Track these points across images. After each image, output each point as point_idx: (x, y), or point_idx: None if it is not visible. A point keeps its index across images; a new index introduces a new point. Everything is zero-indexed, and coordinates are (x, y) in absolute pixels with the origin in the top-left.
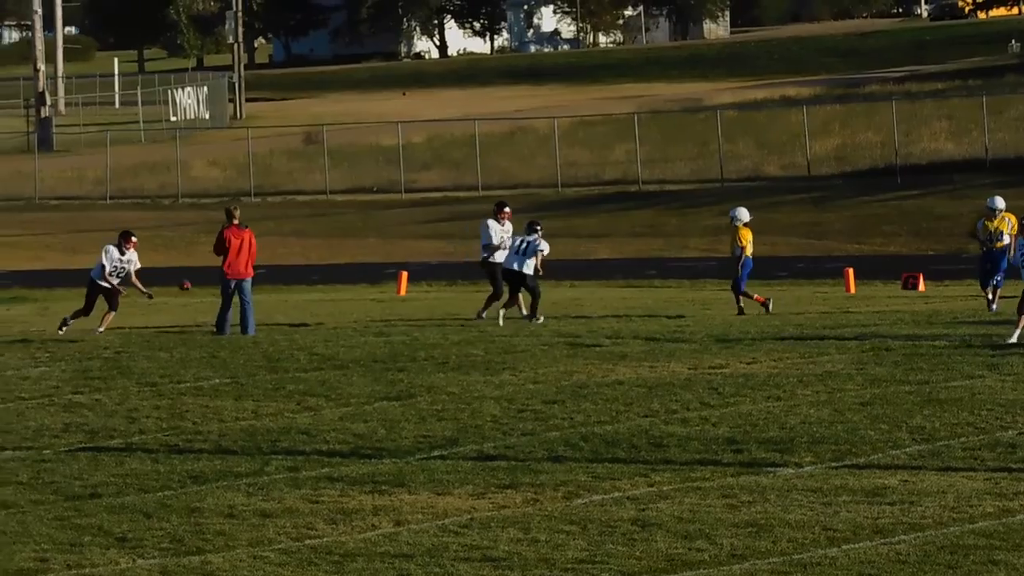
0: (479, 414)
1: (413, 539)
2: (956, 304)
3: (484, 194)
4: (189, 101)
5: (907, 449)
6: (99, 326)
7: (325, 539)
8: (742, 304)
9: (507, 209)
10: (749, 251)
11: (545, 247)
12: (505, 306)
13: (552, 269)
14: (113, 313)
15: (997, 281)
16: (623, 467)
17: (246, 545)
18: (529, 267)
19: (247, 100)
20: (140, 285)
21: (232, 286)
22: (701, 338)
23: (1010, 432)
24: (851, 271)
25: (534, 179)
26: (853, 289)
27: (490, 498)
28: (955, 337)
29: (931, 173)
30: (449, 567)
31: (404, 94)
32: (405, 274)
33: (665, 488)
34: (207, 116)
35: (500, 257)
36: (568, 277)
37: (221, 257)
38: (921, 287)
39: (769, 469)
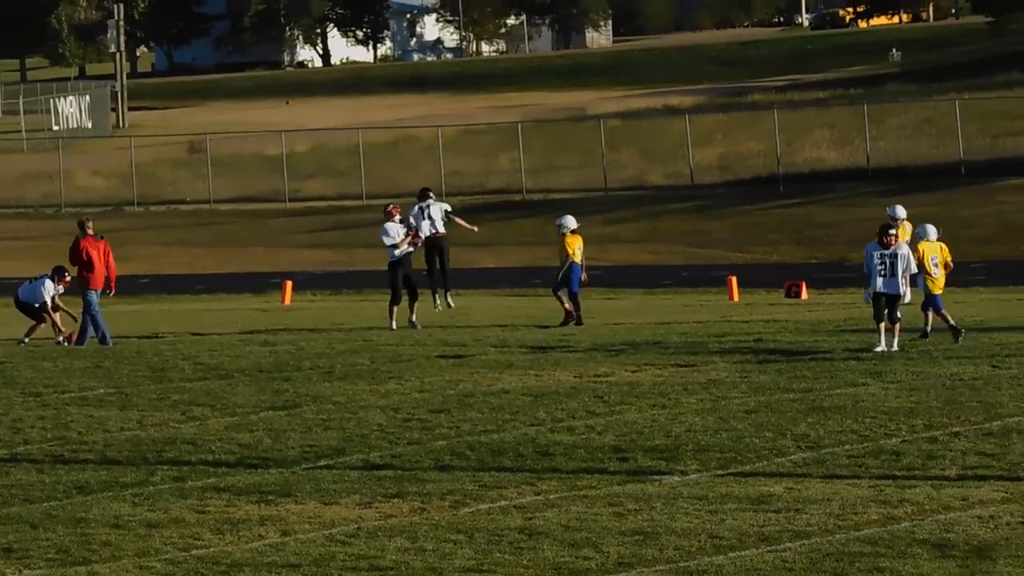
0: (365, 423)
1: (300, 549)
2: (839, 312)
3: (369, 203)
4: (72, 110)
5: (792, 457)
6: (25, 336)
7: (211, 549)
8: (569, 307)
9: (391, 206)
10: (578, 258)
11: (447, 206)
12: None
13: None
14: (41, 326)
15: None
16: (509, 476)
17: (132, 555)
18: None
19: (130, 109)
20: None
21: (95, 296)
22: (586, 347)
23: (894, 440)
24: (734, 279)
25: (419, 188)
26: (736, 297)
27: (377, 507)
28: (838, 345)
29: (813, 182)
30: None
31: (288, 103)
32: (290, 283)
33: (552, 497)
34: (90, 125)
35: (408, 249)
36: (453, 286)
37: (78, 268)
38: (804, 295)
39: (655, 477)
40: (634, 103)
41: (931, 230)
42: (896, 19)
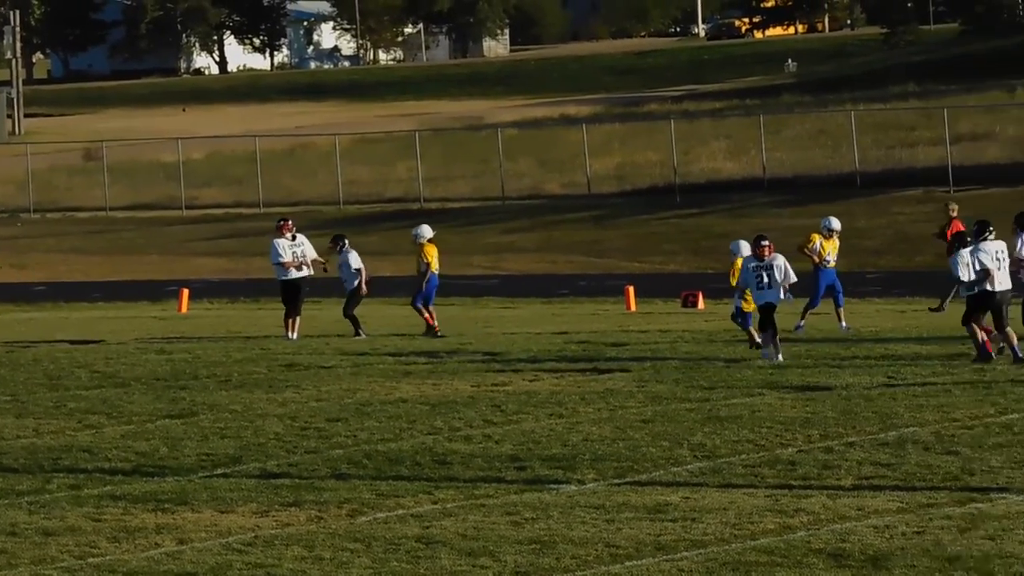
0: (262, 432)
1: (196, 557)
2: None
3: (265, 211)
4: None
5: (688, 466)
6: None
7: (108, 557)
8: (434, 322)
9: (286, 222)
10: (435, 267)
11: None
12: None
13: (335, 286)
14: None
15: (839, 300)
16: (407, 484)
17: (28, 563)
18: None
19: (26, 116)
20: None
21: None
22: (484, 356)
23: (790, 449)
24: (631, 289)
25: (315, 196)
26: (634, 307)
27: (274, 516)
28: (735, 355)
29: (709, 192)
30: None
31: (184, 110)
32: (186, 291)
33: (449, 505)
34: None
35: (297, 273)
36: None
37: None
38: (700, 305)
39: (552, 486)
40: (531, 112)
41: (744, 246)
42: (792, 30)
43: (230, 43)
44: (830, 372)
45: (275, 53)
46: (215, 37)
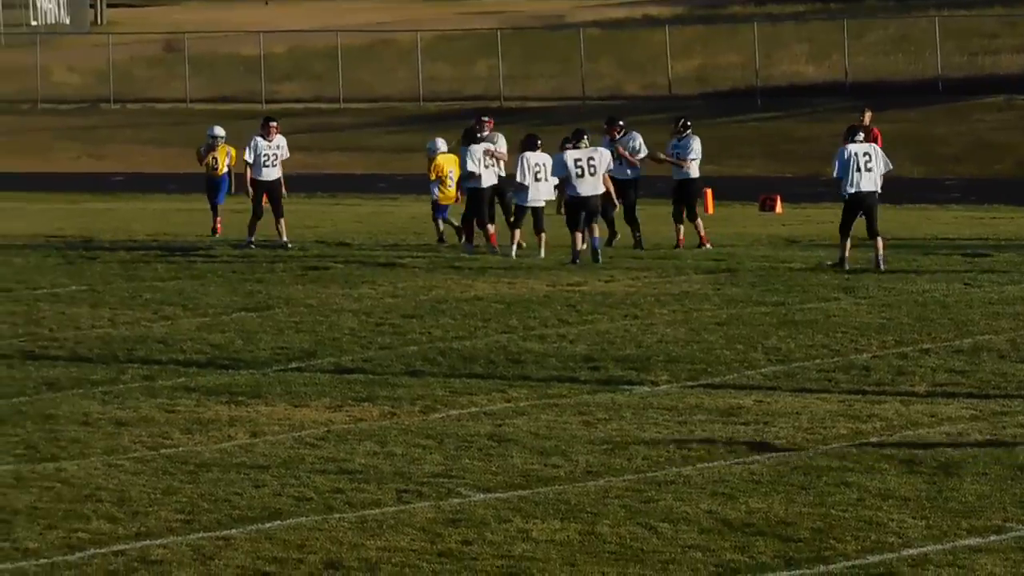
0: (337, 327)
1: (269, 451)
2: (812, 227)
3: (345, 106)
4: (50, 5)
5: (762, 370)
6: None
7: (180, 448)
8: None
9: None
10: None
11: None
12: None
13: (414, 184)
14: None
15: None
16: (480, 382)
17: (101, 453)
18: None
19: (108, 5)
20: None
21: None
22: (559, 256)
23: (864, 355)
24: (710, 192)
25: (395, 93)
26: (712, 210)
27: (347, 411)
28: (811, 259)
29: (790, 96)
30: (305, 479)
31: (267, 3)
32: None
33: (522, 404)
34: (68, 21)
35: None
36: (426, 192)
37: None
38: (778, 209)
39: (625, 387)
40: (613, 12)
41: (440, 143)
42: None
43: None
44: (907, 278)
45: None
46: None
